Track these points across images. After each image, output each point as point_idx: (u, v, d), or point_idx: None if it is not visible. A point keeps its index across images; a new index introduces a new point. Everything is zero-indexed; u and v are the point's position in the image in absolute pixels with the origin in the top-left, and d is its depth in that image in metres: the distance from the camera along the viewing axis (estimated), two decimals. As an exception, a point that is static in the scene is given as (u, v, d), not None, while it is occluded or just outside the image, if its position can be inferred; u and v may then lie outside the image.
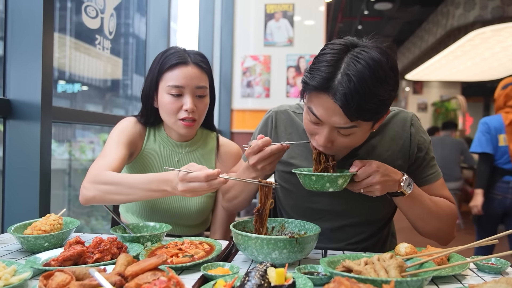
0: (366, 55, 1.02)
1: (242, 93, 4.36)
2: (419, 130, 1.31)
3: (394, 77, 1.06)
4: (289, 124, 1.38)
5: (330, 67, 1.03)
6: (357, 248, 1.34)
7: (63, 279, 0.78)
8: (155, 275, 0.79)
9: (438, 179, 1.32)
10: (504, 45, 8.64)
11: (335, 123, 1.06)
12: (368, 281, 0.79)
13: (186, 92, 1.37)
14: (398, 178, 1.13)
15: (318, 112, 1.07)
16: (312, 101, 1.08)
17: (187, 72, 1.36)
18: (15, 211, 1.44)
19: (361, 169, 1.09)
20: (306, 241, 1.01)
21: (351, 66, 1.01)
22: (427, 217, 1.24)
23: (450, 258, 1.08)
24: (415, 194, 1.18)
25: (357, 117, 1.03)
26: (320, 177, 1.09)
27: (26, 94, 1.43)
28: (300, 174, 1.13)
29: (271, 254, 0.98)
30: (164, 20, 2.91)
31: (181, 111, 1.37)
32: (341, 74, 1.01)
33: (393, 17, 10.03)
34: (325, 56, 1.06)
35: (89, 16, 2.01)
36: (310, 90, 1.07)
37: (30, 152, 1.43)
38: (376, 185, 1.09)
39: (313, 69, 1.06)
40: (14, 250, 1.12)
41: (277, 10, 4.29)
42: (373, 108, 1.03)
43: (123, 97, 4.16)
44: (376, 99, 1.02)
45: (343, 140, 1.11)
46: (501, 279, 0.76)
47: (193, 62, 1.39)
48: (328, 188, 1.09)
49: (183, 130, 1.40)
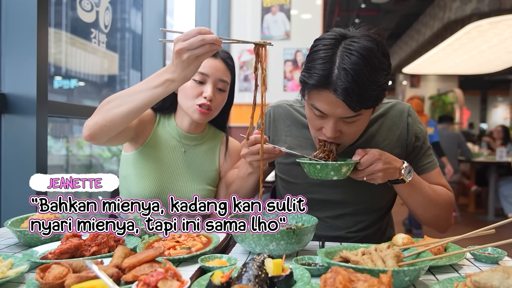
0: (358, 46, 1.05)
1: (239, 87, 4.35)
2: (416, 121, 1.34)
3: (387, 61, 1.10)
4: (288, 117, 1.40)
5: (325, 63, 1.06)
6: (357, 237, 1.35)
7: (60, 271, 0.77)
8: (153, 267, 0.79)
9: (435, 168, 1.35)
10: (501, 38, 8.65)
11: (340, 114, 1.10)
12: (366, 271, 0.79)
13: (209, 81, 1.40)
14: (399, 166, 1.16)
15: (321, 107, 1.10)
16: (314, 98, 1.11)
17: (213, 63, 1.41)
18: (12, 205, 1.44)
19: (363, 157, 1.11)
20: (303, 233, 1.01)
21: (345, 59, 1.04)
22: (427, 204, 1.26)
23: (447, 248, 1.08)
24: (415, 181, 1.21)
25: (360, 107, 1.07)
26: (324, 165, 1.10)
27: (21, 88, 1.42)
28: (304, 163, 1.14)
29: (269, 246, 0.98)
30: (160, 15, 2.90)
31: (200, 97, 1.39)
32: (338, 69, 1.04)
33: (390, 10, 10.02)
34: (318, 53, 1.08)
35: (84, 10, 1.99)
36: (310, 88, 1.10)
37: (26, 146, 1.42)
38: (378, 172, 1.11)
39: (309, 68, 1.09)
40: (11, 244, 1.12)
41: (273, 3, 4.27)
42: (373, 96, 1.06)
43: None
44: (375, 86, 1.05)
45: (350, 127, 1.15)
46: (497, 267, 0.76)
47: (221, 57, 1.43)
48: (332, 176, 1.11)
49: (197, 116, 1.41)
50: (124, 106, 1.15)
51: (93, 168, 4.13)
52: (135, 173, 1.43)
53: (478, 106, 19.33)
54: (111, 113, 1.17)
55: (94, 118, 1.20)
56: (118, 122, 1.18)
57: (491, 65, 11.47)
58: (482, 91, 18.83)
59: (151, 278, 0.70)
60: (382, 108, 1.34)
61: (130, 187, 1.43)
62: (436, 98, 12.63)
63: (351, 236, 1.35)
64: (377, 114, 1.33)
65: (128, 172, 1.44)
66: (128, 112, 1.16)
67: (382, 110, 1.34)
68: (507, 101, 17.35)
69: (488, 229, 0.94)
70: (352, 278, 0.71)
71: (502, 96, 18.71)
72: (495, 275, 0.74)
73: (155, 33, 2.91)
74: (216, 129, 1.62)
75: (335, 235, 1.35)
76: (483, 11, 7.08)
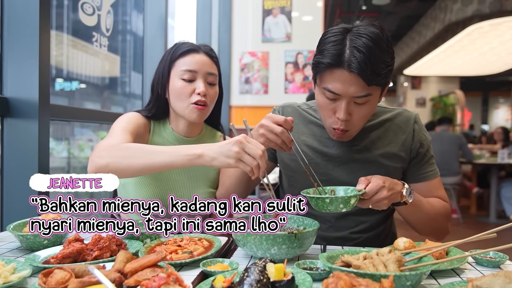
0: (366, 31, 1.14)
1: (240, 89, 4.36)
2: (422, 129, 1.39)
3: (391, 47, 1.19)
4: (296, 115, 1.43)
5: (337, 45, 1.14)
6: (360, 238, 1.37)
7: (62, 276, 0.78)
8: (155, 271, 0.79)
9: (436, 177, 1.39)
10: (503, 40, 8.64)
11: (353, 93, 1.15)
12: (367, 276, 0.79)
13: (199, 77, 1.39)
14: (400, 189, 1.16)
15: (335, 87, 1.15)
16: (327, 80, 1.17)
17: (199, 58, 1.40)
18: (14, 209, 1.44)
19: (368, 186, 1.10)
20: (305, 237, 1.01)
21: (356, 41, 1.12)
22: (426, 220, 1.31)
23: (448, 252, 1.08)
24: (415, 201, 1.22)
25: (372, 80, 1.12)
26: (334, 199, 1.07)
27: (24, 92, 1.43)
28: (312, 198, 1.10)
29: (270, 250, 0.99)
30: (162, 17, 2.91)
31: (194, 95, 1.38)
32: (349, 48, 1.12)
33: (391, 12, 10.01)
34: (328, 38, 1.17)
35: (85, 13, 2.00)
36: (324, 69, 1.16)
37: (28, 150, 1.43)
38: (384, 200, 1.10)
39: (321, 51, 1.17)
40: (14, 248, 1.12)
41: (274, 5, 4.28)
42: (383, 73, 1.14)
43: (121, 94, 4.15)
44: (384, 65, 1.13)
45: (360, 110, 1.19)
46: (499, 272, 0.76)
47: (203, 51, 1.43)
48: (341, 209, 1.08)
49: (194, 114, 1.39)
50: (142, 160, 1.12)
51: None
52: (133, 181, 1.41)
53: (480, 108, 19.29)
54: (126, 163, 1.13)
55: (106, 159, 1.14)
56: (129, 173, 1.15)
57: (492, 66, 11.45)
58: (483, 93, 18.80)
59: (153, 284, 0.70)
60: (390, 114, 1.38)
61: (130, 195, 1.41)
62: (437, 99, 12.61)
63: (355, 237, 1.37)
64: (384, 118, 1.37)
65: (127, 180, 1.42)
66: (144, 168, 1.13)
67: (389, 115, 1.38)
68: (509, 102, 17.33)
69: (489, 233, 0.94)
70: (354, 283, 0.72)
71: (504, 97, 18.68)
72: (496, 280, 0.74)
73: (157, 35, 2.92)
74: (212, 128, 1.61)
75: (339, 235, 1.36)
76: (484, 12, 7.07)
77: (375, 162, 1.33)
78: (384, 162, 1.33)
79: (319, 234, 1.38)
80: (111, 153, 1.16)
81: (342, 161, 1.34)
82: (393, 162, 1.34)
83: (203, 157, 1.05)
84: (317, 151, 1.36)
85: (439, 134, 5.95)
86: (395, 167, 1.34)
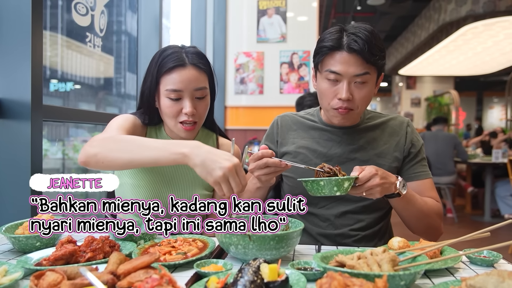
0: (361, 26, 1.29)
1: (235, 90, 4.35)
2: (414, 132, 1.49)
3: (383, 44, 1.32)
4: (294, 122, 1.53)
5: (336, 34, 1.29)
6: (359, 235, 1.41)
7: (54, 278, 0.77)
8: (148, 273, 0.79)
9: (427, 177, 1.45)
10: (496, 40, 8.69)
11: (353, 72, 1.27)
12: (361, 276, 0.79)
13: (185, 96, 1.33)
14: (394, 180, 1.21)
15: (336, 67, 1.28)
16: (328, 63, 1.30)
17: (185, 75, 1.32)
18: (6, 211, 1.43)
19: (361, 173, 1.15)
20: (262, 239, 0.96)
21: (353, 30, 1.28)
22: (419, 216, 1.34)
23: (442, 251, 1.08)
24: (409, 194, 1.28)
25: (370, 58, 1.25)
26: (327, 181, 1.10)
27: (16, 92, 1.41)
28: (307, 181, 1.14)
29: (229, 249, 1.01)
30: (156, 17, 2.90)
31: (181, 114, 1.34)
32: (347, 35, 1.28)
33: (386, 12, 10.04)
34: (327, 33, 1.32)
35: (79, 14, 1.99)
36: (325, 52, 1.29)
37: (20, 151, 1.41)
38: (376, 187, 1.15)
39: (322, 40, 1.32)
40: (6, 251, 1.11)
41: (269, 6, 4.28)
42: (379, 56, 1.28)
43: (116, 95, 4.13)
44: (379, 50, 1.28)
45: (360, 91, 1.30)
46: (492, 271, 0.76)
47: (191, 63, 1.34)
48: (335, 192, 1.11)
49: (183, 134, 1.37)
50: (128, 154, 1.13)
51: (89, 172, 4.11)
52: (130, 183, 1.40)
53: (474, 107, 19.41)
54: (112, 155, 1.14)
55: (96, 149, 1.16)
56: (115, 165, 1.16)
57: (486, 66, 11.52)
58: (477, 92, 18.92)
59: (146, 285, 0.70)
60: (384, 118, 1.49)
61: (126, 197, 1.39)
62: (432, 99, 12.66)
63: (353, 234, 1.41)
64: (379, 121, 1.47)
65: (123, 181, 1.40)
66: (129, 162, 1.14)
67: (384, 119, 1.48)
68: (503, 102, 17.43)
69: (483, 232, 0.94)
70: (348, 283, 0.71)
71: (498, 97, 18.80)
72: (490, 279, 0.74)
73: (151, 36, 2.91)
74: (209, 131, 1.59)
75: (338, 232, 1.40)
76: (478, 13, 7.11)
77: (371, 161, 1.39)
78: (379, 161, 1.40)
79: (318, 231, 1.41)
80: (102, 143, 1.17)
81: (340, 161, 1.41)
82: (388, 161, 1.41)
83: (188, 159, 1.06)
84: (316, 152, 1.43)
85: (434, 133, 5.98)
86: (390, 166, 1.40)
